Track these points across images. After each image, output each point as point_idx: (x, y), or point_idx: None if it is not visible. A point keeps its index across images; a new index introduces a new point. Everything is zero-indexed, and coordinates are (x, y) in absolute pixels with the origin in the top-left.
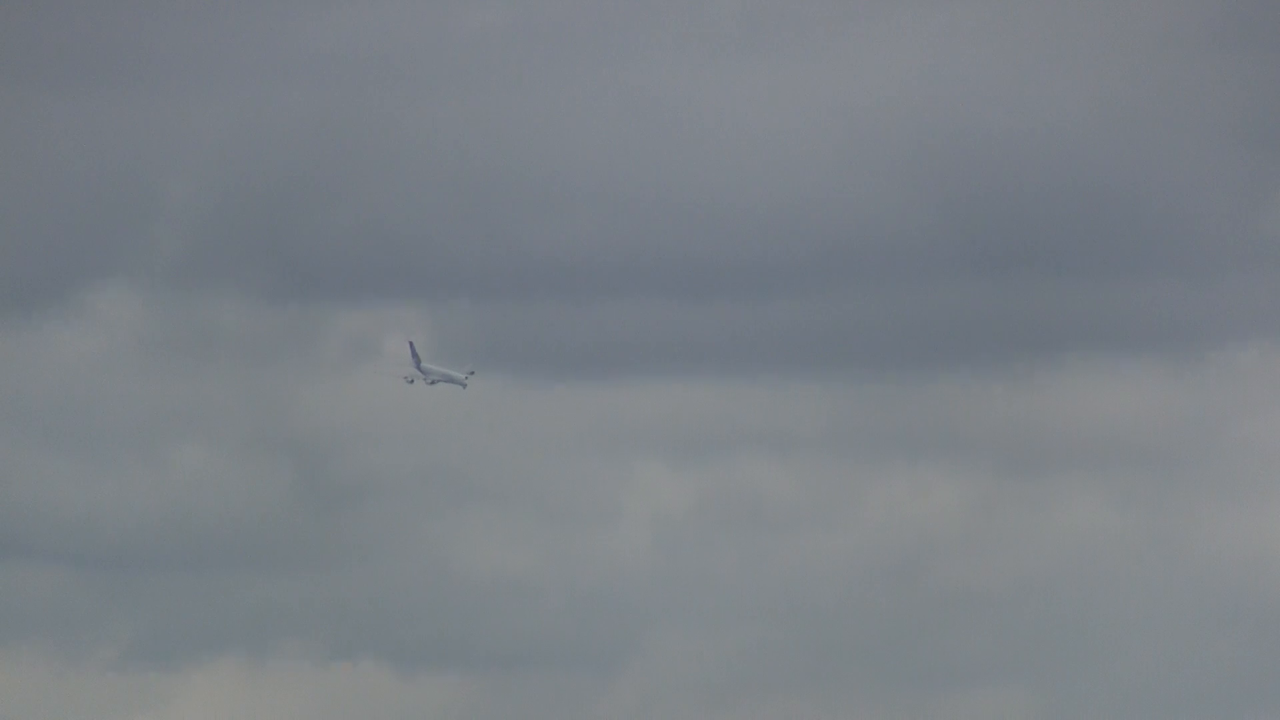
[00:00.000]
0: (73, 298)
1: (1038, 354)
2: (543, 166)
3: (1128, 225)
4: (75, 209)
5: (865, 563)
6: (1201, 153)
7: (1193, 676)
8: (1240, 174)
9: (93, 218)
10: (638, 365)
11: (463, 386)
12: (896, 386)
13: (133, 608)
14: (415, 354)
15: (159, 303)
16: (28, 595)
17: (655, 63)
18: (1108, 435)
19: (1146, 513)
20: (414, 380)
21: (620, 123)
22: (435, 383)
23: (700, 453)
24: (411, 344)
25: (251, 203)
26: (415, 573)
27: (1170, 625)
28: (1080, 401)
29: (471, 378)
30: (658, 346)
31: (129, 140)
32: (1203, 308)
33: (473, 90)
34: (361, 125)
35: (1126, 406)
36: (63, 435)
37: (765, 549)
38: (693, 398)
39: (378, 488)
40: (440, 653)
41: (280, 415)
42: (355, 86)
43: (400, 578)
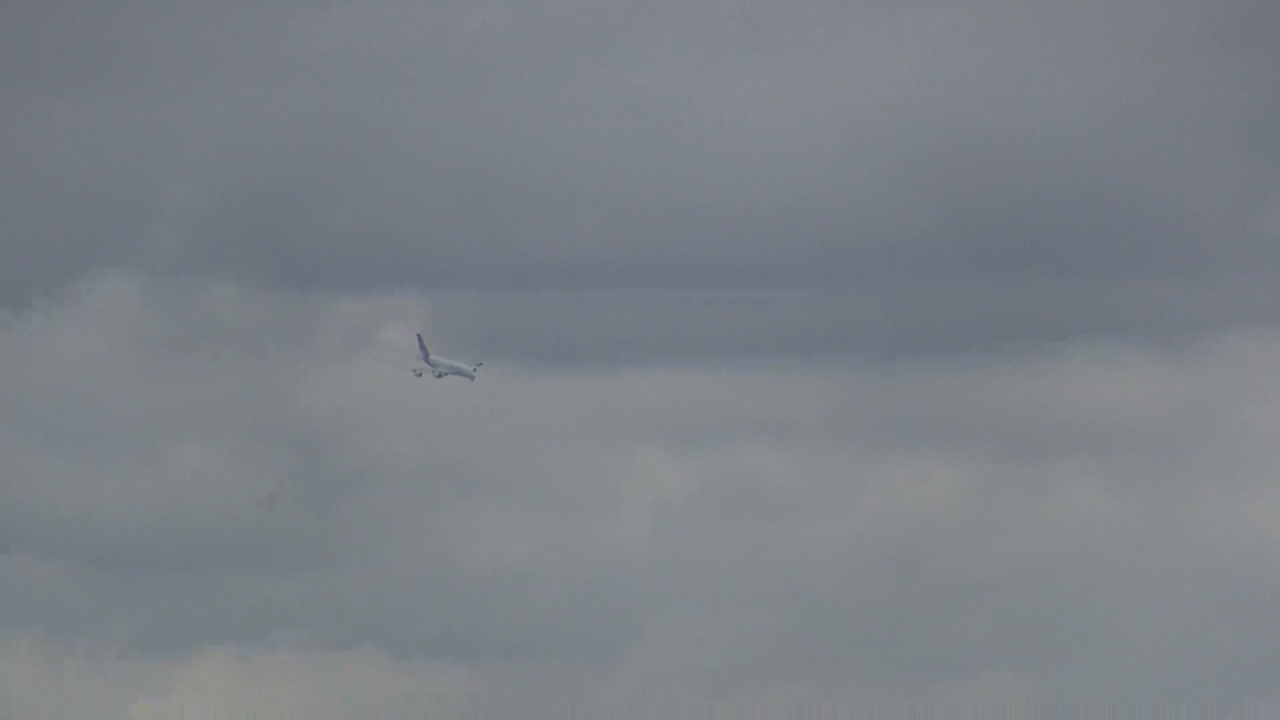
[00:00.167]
0: (75, 295)
1: (1037, 342)
2: (543, 166)
3: (1128, 225)
4: (76, 207)
5: (865, 550)
6: (1201, 153)
7: (1192, 662)
8: (1240, 174)
9: (94, 216)
10: (638, 355)
11: (471, 379)
12: (897, 375)
13: (133, 600)
14: (423, 347)
15: (160, 301)
16: (27, 588)
17: (655, 63)
18: (1107, 422)
19: (1146, 500)
20: (422, 373)
21: (620, 123)
22: (443, 375)
23: (701, 441)
24: (420, 337)
25: (253, 202)
26: (416, 562)
27: (1170, 611)
28: (1080, 389)
29: (480, 369)
30: (658, 336)
31: (129, 140)
32: (1202, 301)
33: (473, 90)
34: (361, 125)
35: (1126, 394)
36: (64, 428)
37: (766, 536)
38: (693, 387)
39: (378, 478)
40: (442, 642)
41: (285, 407)
42: (355, 86)
43: (401, 567)
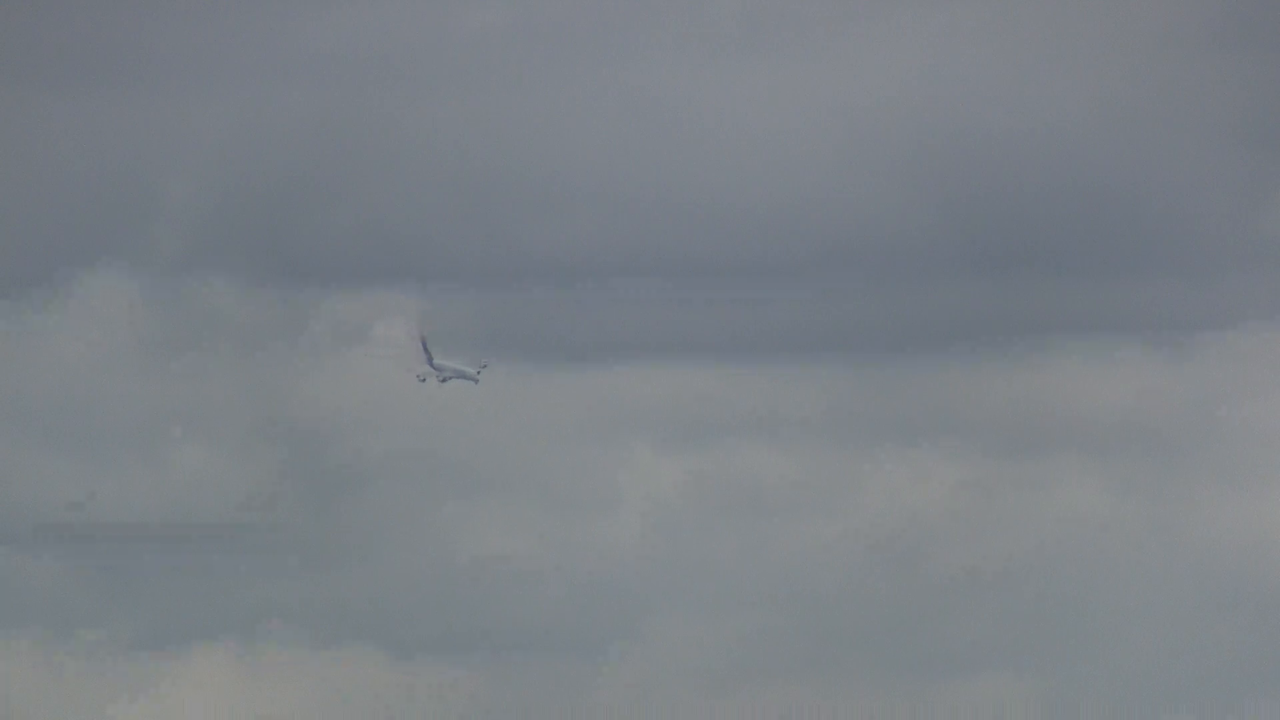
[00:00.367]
0: (75, 293)
1: (1036, 339)
2: (543, 166)
3: (1128, 225)
4: (76, 207)
5: (865, 548)
6: (1201, 153)
7: (1192, 660)
8: (1240, 174)
9: (94, 216)
10: (638, 354)
11: (475, 382)
12: (896, 372)
13: (130, 596)
14: (427, 350)
15: (160, 300)
16: (20, 581)
17: (655, 63)
18: (1107, 420)
19: (1145, 497)
20: (426, 378)
21: (620, 123)
22: (447, 379)
23: (698, 439)
24: (424, 341)
25: (252, 201)
26: (415, 560)
27: (1169, 609)
28: (1080, 387)
29: (484, 371)
30: (658, 336)
31: (129, 140)
32: (1201, 300)
33: (473, 90)
34: (361, 125)
35: (1125, 391)
36: (62, 425)
37: (764, 534)
38: (692, 386)
39: (377, 475)
40: (441, 640)
41: (284, 404)
42: (355, 86)
43: (398, 564)
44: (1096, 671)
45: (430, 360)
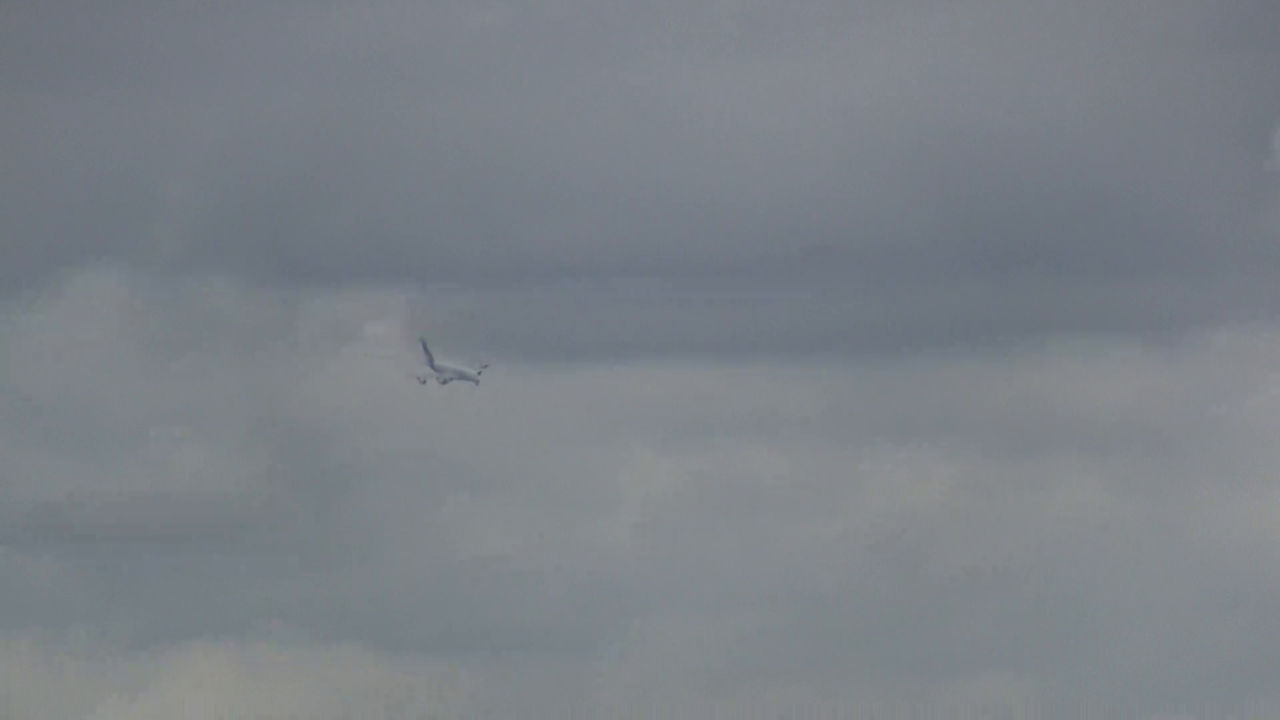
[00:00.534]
0: (75, 292)
1: (1036, 339)
2: (543, 166)
3: (1127, 225)
4: (76, 207)
5: (864, 548)
6: (1201, 153)
7: (1192, 660)
8: (1240, 174)
9: (94, 215)
10: (637, 354)
11: (476, 383)
12: (895, 372)
13: (127, 595)
14: (428, 352)
15: (159, 299)
16: (19, 580)
17: (655, 63)
18: (1107, 420)
19: (1145, 497)
20: (426, 380)
21: (620, 123)
22: (448, 381)
23: (697, 439)
24: (424, 343)
25: (252, 200)
26: (413, 559)
27: (1169, 609)
28: (1078, 385)
29: (485, 372)
30: (657, 335)
31: (129, 140)
32: (1200, 299)
33: (473, 90)
34: (361, 125)
35: (1125, 390)
36: (61, 423)
37: (764, 534)
38: (692, 385)
39: (375, 474)
40: (439, 639)
41: (282, 403)
42: (355, 86)
43: (397, 564)
44: (1096, 671)
45: (431, 362)
